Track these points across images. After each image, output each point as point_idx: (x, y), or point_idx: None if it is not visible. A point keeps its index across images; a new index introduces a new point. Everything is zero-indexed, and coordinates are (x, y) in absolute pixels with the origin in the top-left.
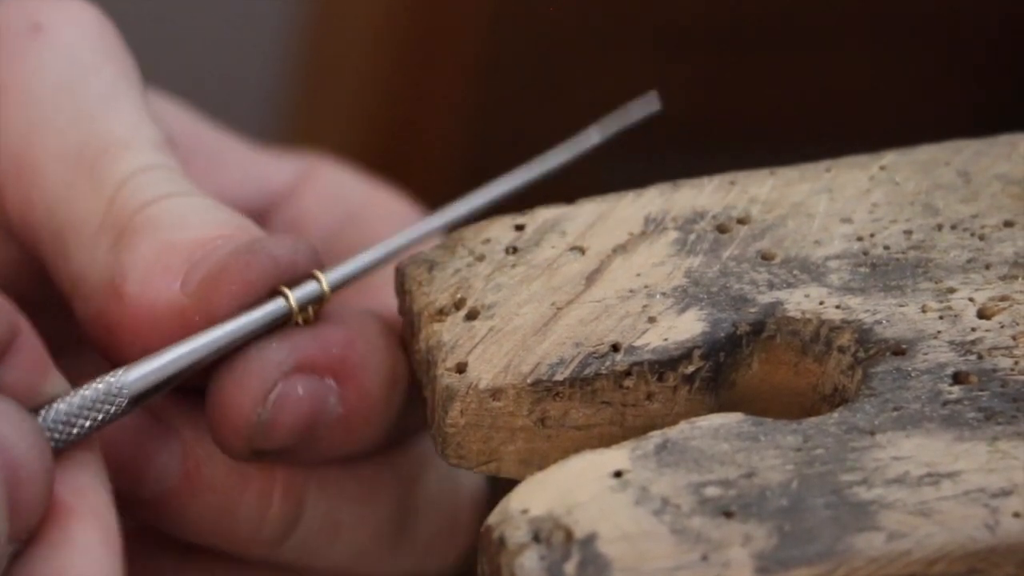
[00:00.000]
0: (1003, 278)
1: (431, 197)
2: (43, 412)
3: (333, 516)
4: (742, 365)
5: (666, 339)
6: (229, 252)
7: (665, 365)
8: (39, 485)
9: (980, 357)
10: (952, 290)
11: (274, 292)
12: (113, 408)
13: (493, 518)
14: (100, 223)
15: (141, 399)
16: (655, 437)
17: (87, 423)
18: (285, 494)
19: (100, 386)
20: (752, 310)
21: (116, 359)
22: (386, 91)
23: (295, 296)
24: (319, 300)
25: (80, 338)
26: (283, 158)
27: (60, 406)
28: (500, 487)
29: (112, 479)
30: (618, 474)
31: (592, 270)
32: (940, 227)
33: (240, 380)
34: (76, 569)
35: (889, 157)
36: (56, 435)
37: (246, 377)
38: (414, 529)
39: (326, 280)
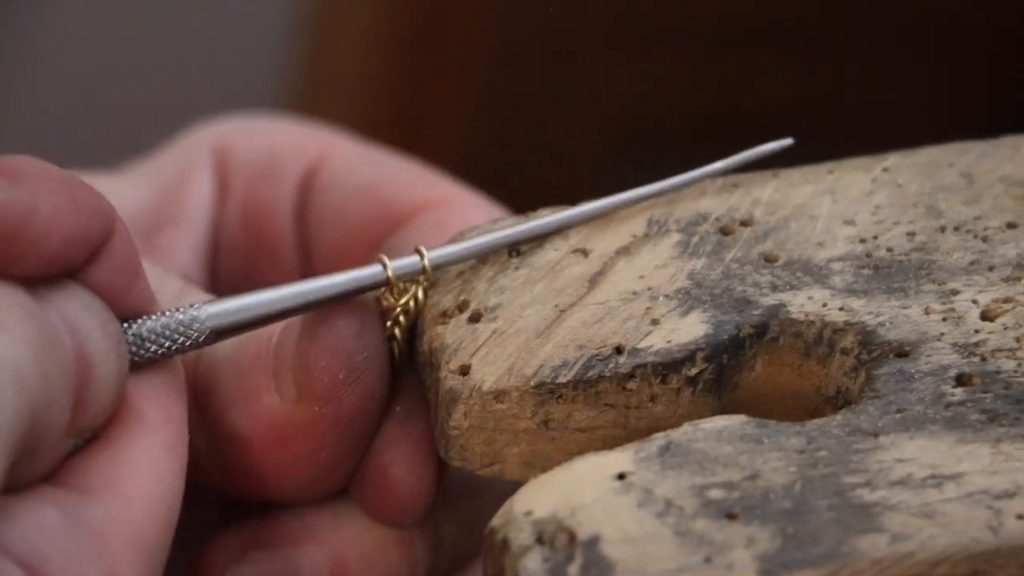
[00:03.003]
0: (1006, 280)
1: None
2: (127, 325)
3: (463, 539)
4: (745, 367)
5: (669, 341)
6: (294, 350)
7: (668, 367)
8: (110, 385)
9: (983, 359)
10: (955, 292)
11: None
12: (193, 337)
13: (497, 520)
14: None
15: (224, 334)
16: (658, 439)
17: (167, 344)
18: (426, 536)
19: (182, 315)
20: (755, 312)
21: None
22: (387, 89)
23: (394, 267)
24: (419, 273)
25: None
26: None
27: (147, 323)
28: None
29: None
30: (621, 476)
31: (595, 272)
32: (943, 229)
33: (406, 464)
34: (133, 470)
35: (892, 159)
36: (134, 349)
37: (412, 460)
38: None
39: (428, 257)
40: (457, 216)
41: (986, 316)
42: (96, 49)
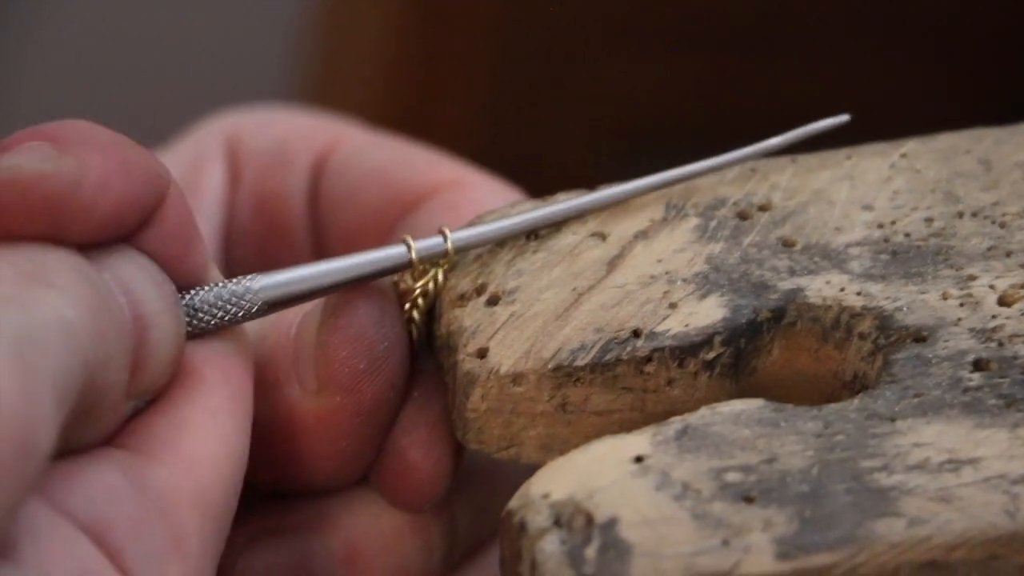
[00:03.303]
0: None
1: None
2: (183, 295)
3: (480, 524)
4: (763, 351)
5: (687, 325)
6: (314, 343)
7: (686, 351)
8: (168, 347)
9: (1000, 344)
10: (973, 277)
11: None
12: (246, 308)
13: (514, 502)
14: None
15: (276, 306)
16: (676, 423)
17: (220, 315)
18: (443, 523)
19: (235, 286)
20: (773, 296)
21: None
22: (395, 87)
23: (417, 247)
24: (442, 255)
25: None
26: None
27: (200, 293)
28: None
29: None
30: (639, 459)
31: (613, 256)
32: (961, 215)
33: (422, 449)
34: (196, 431)
35: (909, 145)
36: (188, 318)
37: (429, 444)
38: None
39: (451, 239)
40: (469, 198)
41: (1003, 301)
42: (99, 47)
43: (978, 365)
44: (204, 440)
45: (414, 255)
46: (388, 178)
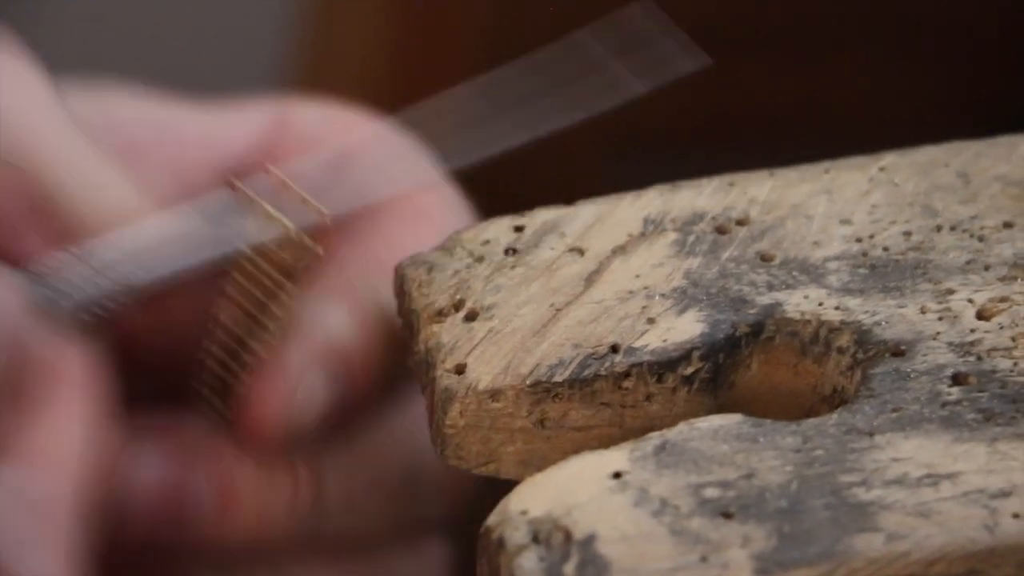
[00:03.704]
0: (1002, 279)
1: None
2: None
3: (348, 487)
4: (741, 366)
5: (665, 340)
6: None
7: (664, 366)
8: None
9: (979, 358)
10: (951, 291)
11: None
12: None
13: (492, 519)
14: None
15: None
16: (654, 438)
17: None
18: (308, 479)
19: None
20: (751, 311)
21: None
22: (386, 86)
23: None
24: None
25: None
26: (246, 110)
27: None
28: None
29: (149, 526)
30: (617, 475)
31: (591, 271)
32: (939, 228)
33: (268, 392)
34: (59, 431)
35: (888, 158)
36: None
37: (273, 388)
38: (421, 482)
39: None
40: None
41: (982, 315)
42: (97, 45)
43: (957, 379)
44: (69, 441)
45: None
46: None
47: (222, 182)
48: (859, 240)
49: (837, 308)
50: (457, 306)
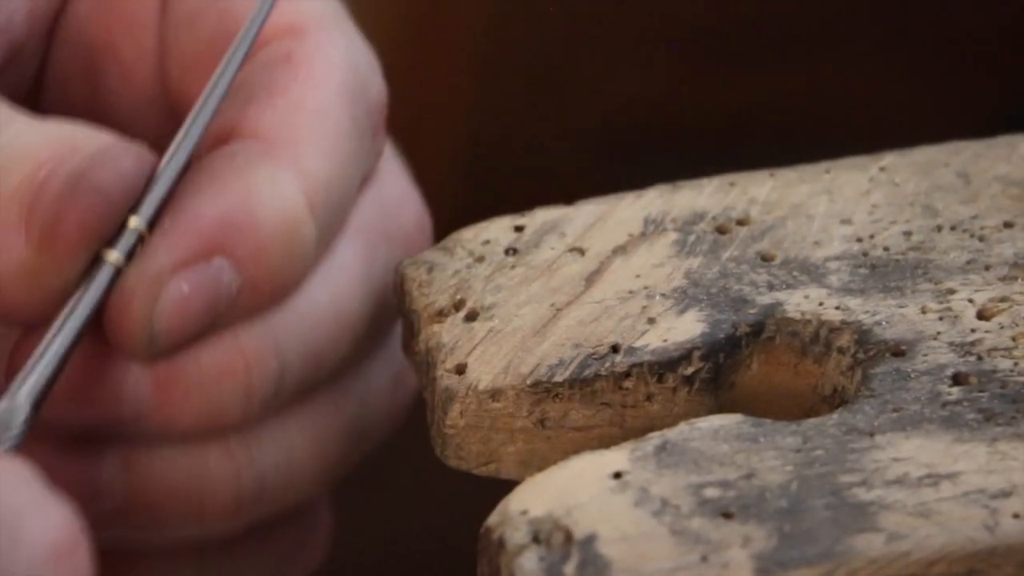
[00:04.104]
0: (1003, 279)
1: (429, 200)
2: None
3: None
4: (742, 366)
5: (665, 340)
6: (56, 198)
7: (664, 366)
8: None
9: (980, 358)
10: (952, 291)
11: (95, 257)
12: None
13: (493, 519)
14: None
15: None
16: (654, 438)
17: None
18: (257, 361)
19: None
20: (752, 311)
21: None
22: (387, 87)
23: (117, 255)
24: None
25: None
26: None
27: None
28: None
29: (87, 424)
30: (618, 475)
31: (592, 271)
32: (940, 228)
33: (124, 303)
34: None
35: (888, 158)
36: None
37: (128, 298)
38: (367, 429)
39: (143, 220)
40: (305, 48)
41: (982, 315)
42: None
43: (957, 379)
44: None
45: (120, 261)
46: (228, 11)
47: None
48: (859, 240)
49: (838, 308)
50: (457, 306)
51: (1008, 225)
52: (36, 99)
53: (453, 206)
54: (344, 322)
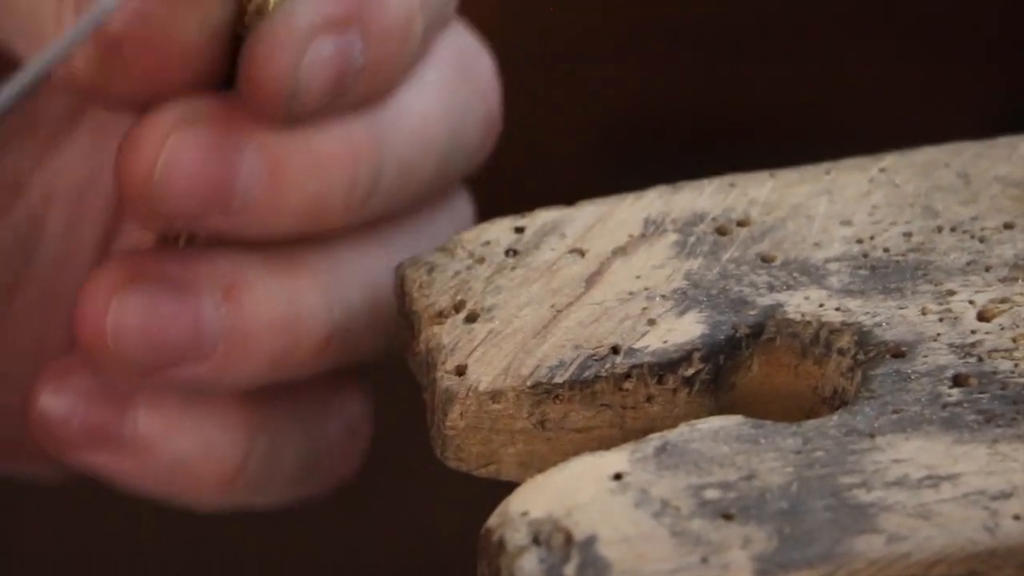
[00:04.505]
0: (1003, 280)
1: None
2: None
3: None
4: (742, 367)
5: (666, 342)
6: None
7: (665, 368)
8: None
9: (980, 359)
10: (952, 292)
11: None
12: None
13: (493, 520)
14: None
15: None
16: (655, 440)
17: None
18: (362, 151)
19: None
20: (752, 312)
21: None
22: None
23: None
24: None
25: None
26: None
27: None
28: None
29: (196, 212)
30: (618, 476)
31: (592, 272)
32: (940, 229)
33: (271, 55)
34: None
35: (889, 159)
36: None
37: (276, 50)
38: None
39: None
40: None
41: (983, 317)
42: None
43: (957, 381)
44: None
45: None
46: None
47: None
48: (860, 241)
49: (838, 309)
50: (458, 307)
51: (1008, 226)
52: None
53: None
54: (429, 140)
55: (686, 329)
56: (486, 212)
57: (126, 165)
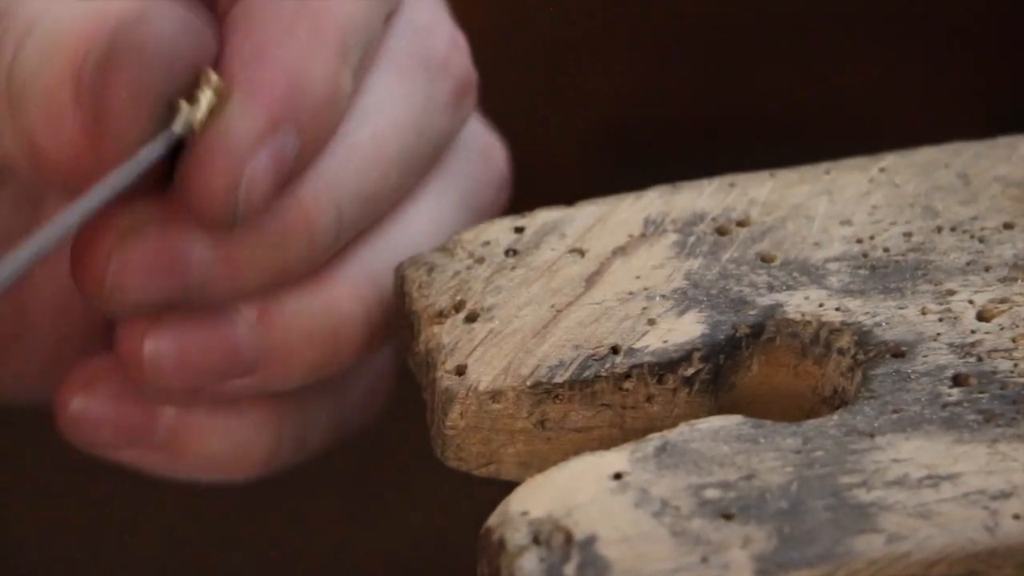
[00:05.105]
0: (1003, 280)
1: None
2: None
3: None
4: (742, 367)
5: (666, 341)
6: (108, 46)
7: (665, 367)
8: None
9: (980, 359)
10: (952, 292)
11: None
12: None
13: (493, 520)
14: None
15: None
16: (655, 439)
17: None
18: (315, 211)
19: None
20: (752, 312)
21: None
22: None
23: (195, 110)
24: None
25: None
26: None
27: None
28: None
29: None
30: (618, 476)
31: (592, 272)
32: (940, 229)
33: (211, 178)
34: None
35: (888, 159)
36: None
37: (216, 175)
38: None
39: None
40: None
41: (982, 316)
42: None
43: (957, 380)
44: None
45: (197, 118)
46: None
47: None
48: (859, 241)
49: (838, 309)
50: (457, 307)
51: (1008, 226)
52: None
53: None
54: (390, 155)
55: (686, 329)
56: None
57: (79, 273)
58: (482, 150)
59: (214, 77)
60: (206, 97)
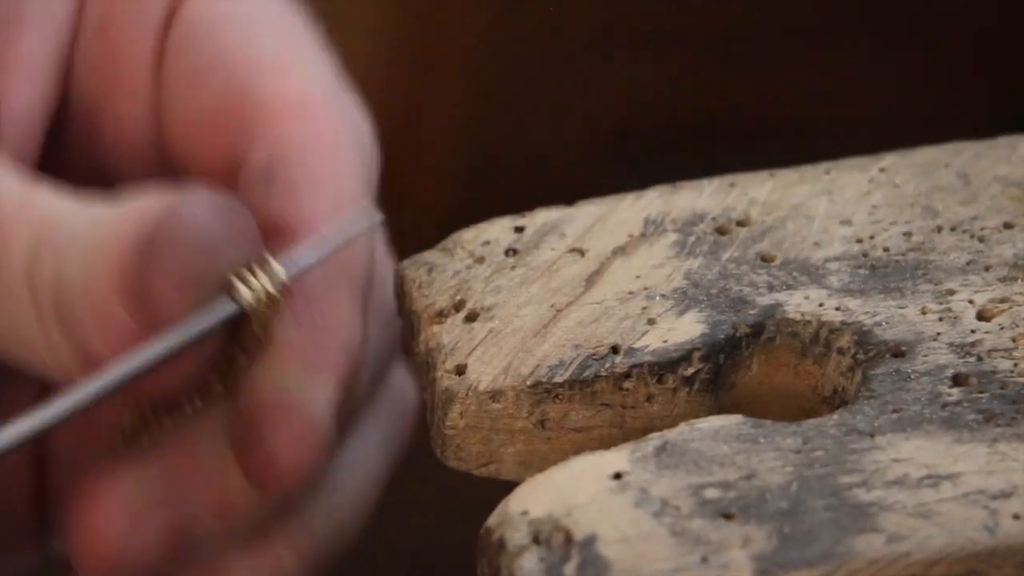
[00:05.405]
0: (1003, 280)
1: (429, 201)
2: None
3: None
4: (742, 367)
5: (665, 341)
6: (147, 245)
7: (664, 367)
8: None
9: (980, 359)
10: (952, 292)
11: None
12: None
13: (493, 520)
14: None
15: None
16: (654, 439)
17: None
18: (290, 558)
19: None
20: (752, 312)
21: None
22: (385, 92)
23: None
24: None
25: None
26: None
27: None
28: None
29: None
30: (618, 476)
31: (591, 272)
32: (940, 229)
33: (288, 435)
34: None
35: (888, 159)
36: None
37: (293, 431)
38: None
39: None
40: (311, 131)
41: (982, 316)
42: None
43: (957, 380)
44: None
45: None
46: (233, 74)
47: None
48: (859, 241)
49: (838, 309)
50: (457, 307)
51: (1008, 226)
52: (39, 157)
53: (453, 206)
54: (365, 503)
55: (686, 329)
56: (486, 212)
57: (80, 543)
58: (400, 383)
59: (271, 260)
60: (263, 280)
